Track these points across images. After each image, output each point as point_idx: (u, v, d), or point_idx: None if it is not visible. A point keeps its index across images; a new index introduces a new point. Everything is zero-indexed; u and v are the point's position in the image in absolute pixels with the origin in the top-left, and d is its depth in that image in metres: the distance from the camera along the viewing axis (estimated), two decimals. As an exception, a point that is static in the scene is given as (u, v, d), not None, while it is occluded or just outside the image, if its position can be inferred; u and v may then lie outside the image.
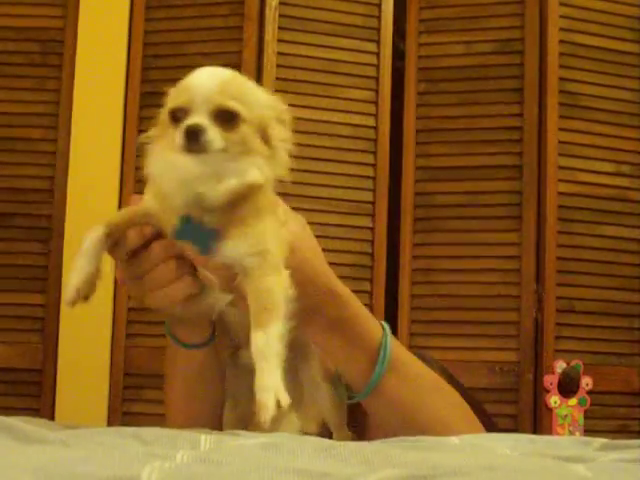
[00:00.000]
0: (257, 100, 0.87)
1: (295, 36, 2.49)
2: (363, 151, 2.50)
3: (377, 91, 2.52)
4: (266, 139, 0.87)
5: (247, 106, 0.85)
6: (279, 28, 2.47)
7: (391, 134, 2.52)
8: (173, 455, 0.60)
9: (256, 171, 0.85)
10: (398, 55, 2.58)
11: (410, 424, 0.95)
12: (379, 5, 2.53)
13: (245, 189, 0.84)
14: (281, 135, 0.89)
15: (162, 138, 0.87)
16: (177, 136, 0.83)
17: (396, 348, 1.00)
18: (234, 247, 0.85)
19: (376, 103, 2.51)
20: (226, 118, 0.83)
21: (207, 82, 0.85)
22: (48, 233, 2.47)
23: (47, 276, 2.45)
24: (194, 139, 0.82)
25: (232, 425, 0.98)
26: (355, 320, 0.98)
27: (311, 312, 0.93)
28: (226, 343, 1.00)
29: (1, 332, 2.43)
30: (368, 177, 2.49)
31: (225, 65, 0.90)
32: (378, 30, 2.53)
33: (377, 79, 2.52)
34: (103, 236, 0.91)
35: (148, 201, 0.89)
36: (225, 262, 0.86)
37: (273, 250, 0.87)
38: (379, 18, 2.53)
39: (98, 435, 0.74)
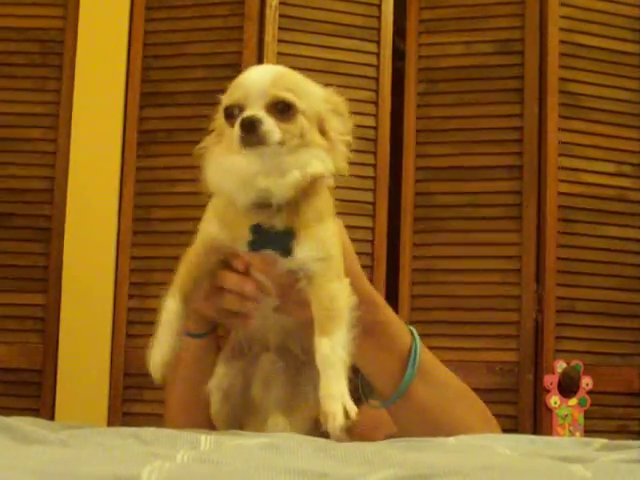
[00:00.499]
0: (312, 93, 0.87)
1: (295, 36, 2.49)
2: (363, 151, 2.49)
3: (377, 91, 2.52)
4: (324, 132, 0.86)
5: (302, 98, 0.85)
6: (279, 28, 2.47)
7: (391, 134, 2.52)
8: (173, 455, 0.60)
9: (318, 163, 0.85)
10: (398, 55, 2.58)
11: (434, 430, 0.94)
12: (379, 5, 2.53)
13: (308, 181, 0.84)
14: (339, 128, 0.89)
15: (217, 145, 0.87)
16: (234, 131, 0.82)
17: (424, 354, 1.00)
18: (305, 250, 0.85)
19: (376, 103, 2.51)
20: (282, 109, 0.83)
21: (260, 76, 0.85)
22: (48, 233, 2.47)
23: (47, 276, 2.45)
24: (252, 131, 0.81)
25: (223, 419, 0.98)
26: (387, 325, 0.99)
27: None
28: (231, 342, 1.00)
29: (1, 332, 2.43)
30: (368, 177, 2.49)
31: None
32: (378, 30, 2.53)
33: (377, 79, 2.52)
34: (180, 307, 0.90)
35: (209, 231, 0.89)
36: (292, 268, 0.85)
37: (336, 256, 0.87)
38: (379, 18, 2.53)
39: (98, 435, 0.74)
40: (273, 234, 0.84)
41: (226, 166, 0.85)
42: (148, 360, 0.88)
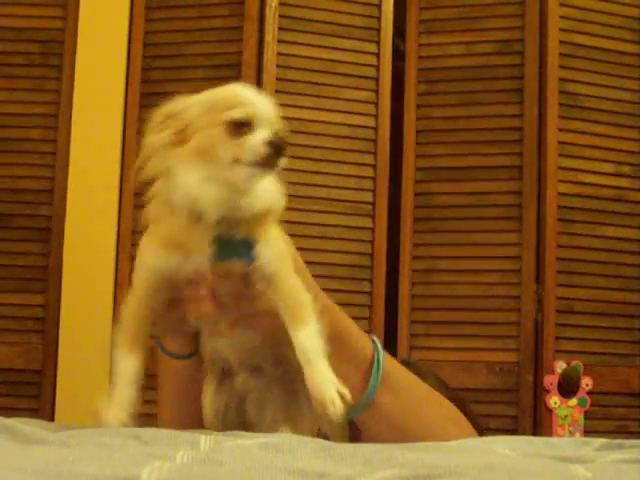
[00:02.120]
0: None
1: (295, 37, 2.49)
2: (363, 152, 2.50)
3: (377, 92, 2.52)
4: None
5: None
6: (279, 29, 2.47)
7: (391, 135, 2.52)
8: (173, 455, 0.60)
9: (282, 196, 0.88)
10: (398, 56, 2.58)
11: (403, 437, 0.94)
12: (379, 6, 2.53)
13: (267, 212, 0.86)
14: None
15: (187, 148, 0.84)
16: (248, 147, 0.82)
17: (387, 362, 0.99)
18: (264, 252, 0.86)
19: (376, 104, 2.51)
20: (279, 138, 0.84)
21: (267, 101, 0.85)
22: (48, 233, 2.46)
23: (47, 277, 2.45)
24: (281, 153, 0.82)
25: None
26: (346, 335, 0.98)
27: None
28: (211, 370, 0.99)
29: (1, 332, 2.43)
30: (368, 177, 2.49)
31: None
32: (378, 31, 2.53)
33: (377, 80, 2.52)
34: (134, 359, 0.88)
35: (153, 264, 0.87)
36: (255, 272, 0.85)
37: (288, 255, 0.89)
38: (379, 19, 2.53)
39: (98, 435, 0.74)
40: (236, 243, 0.85)
41: (211, 177, 0.83)
42: (103, 416, 0.85)
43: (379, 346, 0.99)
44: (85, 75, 2.49)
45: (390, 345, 2.41)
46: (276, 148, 0.82)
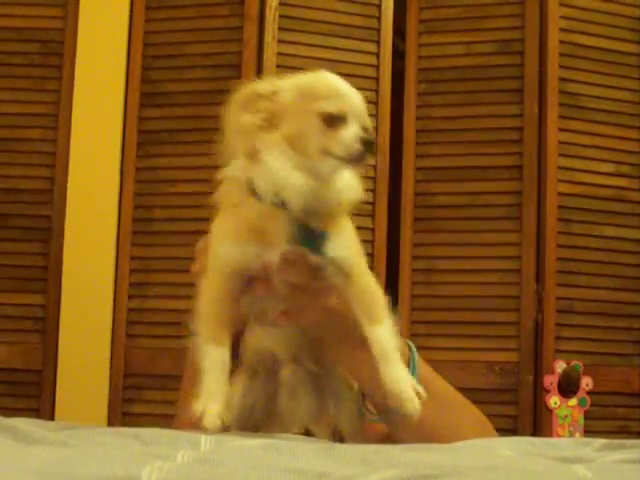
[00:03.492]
0: None
1: (295, 36, 2.49)
2: (363, 151, 2.49)
3: (377, 91, 2.52)
4: None
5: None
6: (279, 29, 2.47)
7: (391, 134, 2.52)
8: (173, 455, 0.60)
9: (361, 189, 0.89)
10: (398, 55, 2.58)
11: (429, 441, 0.94)
12: (379, 5, 2.53)
13: (357, 201, 0.88)
14: None
15: (277, 134, 0.84)
16: (341, 141, 0.82)
17: (422, 367, 0.99)
18: (339, 247, 0.86)
19: (376, 103, 2.51)
20: (365, 132, 0.85)
21: (358, 95, 0.86)
22: (48, 233, 2.46)
23: (47, 276, 2.45)
24: (370, 150, 0.83)
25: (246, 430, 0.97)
26: None
27: (337, 330, 0.93)
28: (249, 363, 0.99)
29: (1, 332, 2.43)
30: (368, 177, 2.49)
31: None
32: (378, 30, 2.53)
33: (377, 79, 2.52)
34: (221, 351, 0.87)
35: (228, 254, 0.86)
36: (328, 264, 0.86)
37: (362, 252, 0.90)
38: (379, 18, 2.53)
39: (98, 435, 0.74)
40: (314, 234, 0.85)
41: (301, 166, 0.83)
42: (200, 413, 0.82)
43: (414, 350, 1.00)
44: (85, 75, 2.49)
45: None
46: (367, 145, 0.83)
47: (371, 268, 2.72)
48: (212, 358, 0.86)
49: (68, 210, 2.45)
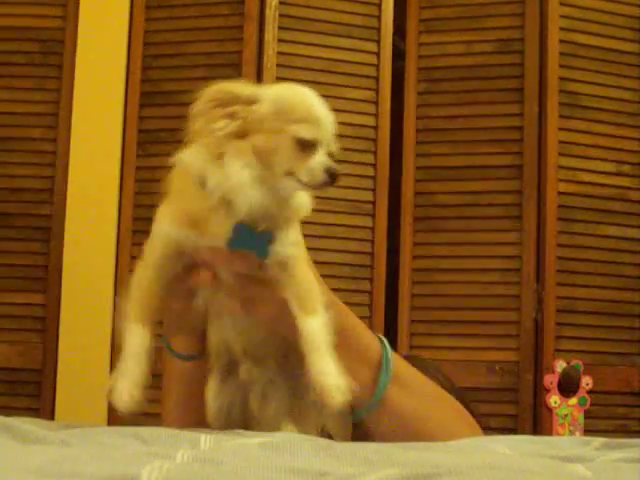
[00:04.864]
0: None
1: (295, 36, 2.49)
2: (363, 151, 2.50)
3: (377, 91, 2.52)
4: None
5: None
6: (279, 28, 2.47)
7: (391, 134, 2.52)
8: (173, 455, 0.60)
9: (309, 205, 0.92)
10: (398, 55, 2.58)
11: (415, 436, 0.94)
12: (379, 5, 2.53)
13: (304, 214, 0.91)
14: None
15: (246, 142, 0.85)
16: (308, 168, 0.84)
17: (396, 361, 0.99)
18: (281, 241, 0.87)
19: (376, 103, 2.51)
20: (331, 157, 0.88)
21: (332, 122, 0.89)
22: (48, 232, 2.46)
23: (47, 276, 2.45)
24: (332, 182, 0.86)
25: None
26: (354, 333, 0.98)
27: None
28: (216, 361, 0.99)
29: (1, 331, 2.43)
30: (368, 177, 2.49)
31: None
32: (378, 30, 2.53)
33: (377, 79, 2.52)
34: (144, 332, 0.88)
35: (170, 232, 0.87)
36: (259, 261, 0.86)
37: (302, 245, 0.91)
38: (379, 18, 2.53)
39: (98, 435, 0.74)
40: (253, 234, 0.85)
41: (260, 181, 0.84)
42: (113, 394, 0.83)
43: (387, 345, 0.99)
44: (85, 74, 2.49)
45: (390, 344, 2.41)
46: (332, 177, 0.85)
47: (371, 267, 2.70)
48: (133, 338, 0.87)
49: (68, 209, 2.45)
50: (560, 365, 2.37)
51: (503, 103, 2.49)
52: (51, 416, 2.35)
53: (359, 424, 1.02)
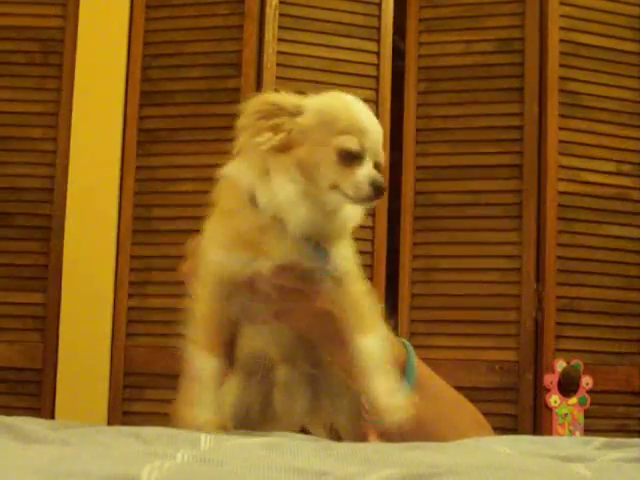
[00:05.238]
0: None
1: (295, 35, 2.49)
2: (363, 150, 2.49)
3: (377, 90, 2.51)
4: None
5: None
6: (279, 27, 2.47)
7: (391, 133, 2.51)
8: (173, 454, 0.60)
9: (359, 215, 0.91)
10: (398, 54, 2.58)
11: (434, 441, 0.94)
12: (379, 4, 2.53)
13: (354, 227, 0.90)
14: None
15: (290, 156, 0.83)
16: (354, 182, 0.82)
17: (419, 366, 0.99)
18: (335, 257, 0.88)
19: (376, 102, 2.51)
20: (376, 168, 0.86)
21: (378, 132, 0.86)
22: (48, 232, 2.46)
23: (47, 275, 2.45)
24: (378, 196, 0.83)
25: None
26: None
27: (334, 333, 0.92)
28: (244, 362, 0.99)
29: (1, 331, 2.43)
30: (368, 176, 2.48)
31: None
32: (378, 29, 2.53)
33: (377, 78, 2.52)
34: (216, 362, 0.88)
35: (219, 262, 0.86)
36: (320, 275, 0.87)
37: (355, 262, 0.90)
38: (379, 17, 2.53)
39: (98, 434, 0.74)
40: (319, 251, 0.86)
41: (307, 195, 0.83)
42: (190, 420, 0.83)
43: (411, 350, 0.99)
44: (85, 74, 2.49)
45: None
46: (377, 190, 0.82)
47: (371, 267, 2.70)
48: (205, 368, 0.86)
49: (68, 209, 2.45)
50: (560, 365, 2.37)
51: (503, 103, 2.49)
52: (51, 416, 2.35)
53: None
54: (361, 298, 0.87)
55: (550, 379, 2.37)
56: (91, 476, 0.53)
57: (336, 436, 0.99)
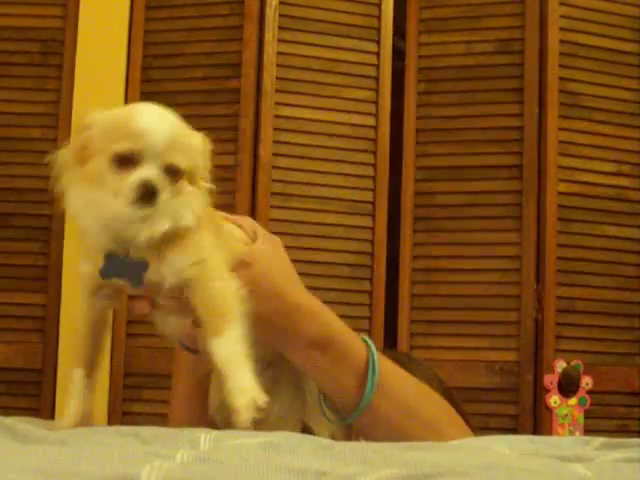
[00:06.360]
0: (194, 149, 0.88)
1: (295, 36, 2.49)
2: (363, 151, 2.50)
3: (377, 91, 2.52)
4: (193, 180, 0.88)
5: (187, 157, 0.86)
6: (279, 28, 2.47)
7: (391, 134, 2.52)
8: (173, 454, 0.60)
9: (189, 214, 0.86)
10: (398, 55, 2.58)
11: (401, 438, 0.93)
12: (379, 5, 2.53)
13: (177, 230, 0.85)
14: (205, 174, 0.90)
15: (80, 169, 0.85)
16: (125, 186, 0.82)
17: (382, 363, 0.98)
18: (172, 264, 0.85)
19: (376, 103, 2.51)
20: (173, 173, 0.84)
21: (159, 132, 0.84)
22: (48, 233, 2.46)
23: (47, 276, 2.45)
24: (150, 200, 0.82)
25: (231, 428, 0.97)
26: (337, 338, 0.96)
27: (284, 330, 0.92)
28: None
29: (1, 332, 2.43)
30: (368, 177, 2.49)
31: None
32: (378, 30, 2.53)
33: (377, 79, 2.52)
34: (82, 373, 0.90)
35: (84, 270, 0.88)
36: (164, 283, 0.85)
37: (212, 258, 0.87)
38: (379, 18, 2.53)
39: (98, 434, 0.74)
40: (126, 264, 0.85)
41: (94, 205, 0.84)
42: (59, 423, 0.88)
43: (373, 348, 0.98)
44: (85, 75, 2.49)
45: (390, 344, 2.41)
46: (147, 192, 0.81)
47: (371, 268, 2.70)
48: (74, 380, 0.89)
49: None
50: (560, 365, 2.37)
51: (503, 103, 2.49)
52: (51, 416, 2.35)
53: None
54: (212, 298, 0.85)
55: (550, 379, 2.37)
56: (91, 476, 0.53)
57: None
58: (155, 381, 2.35)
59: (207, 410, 0.99)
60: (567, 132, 2.45)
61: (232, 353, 0.82)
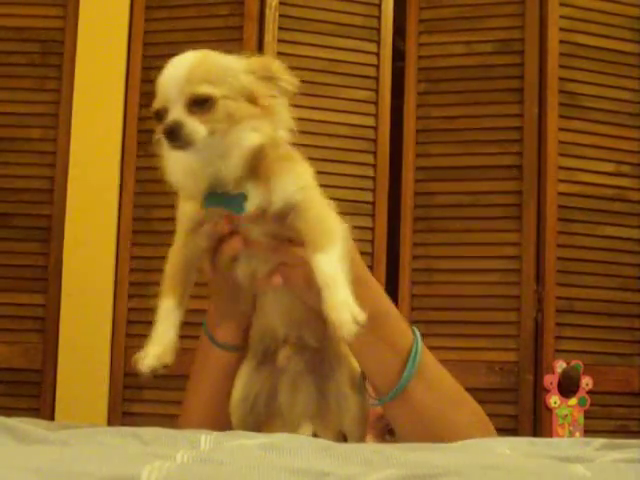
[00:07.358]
0: (230, 70, 0.90)
1: (295, 36, 2.49)
2: (363, 151, 2.50)
3: (377, 91, 2.52)
4: (254, 101, 0.88)
5: (220, 82, 0.88)
6: (279, 28, 2.47)
7: (391, 134, 2.52)
8: (173, 455, 0.60)
9: (253, 134, 0.87)
10: (398, 55, 2.58)
11: (430, 434, 0.93)
12: (379, 5, 2.53)
13: (252, 154, 0.87)
14: (269, 92, 0.90)
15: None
16: (161, 137, 0.86)
17: (425, 355, 0.99)
18: (281, 189, 0.88)
19: (376, 103, 2.51)
20: (201, 103, 0.86)
21: (175, 74, 0.88)
22: (48, 233, 2.46)
23: (47, 276, 2.45)
24: (175, 137, 0.84)
25: (247, 427, 0.96)
26: (388, 318, 0.97)
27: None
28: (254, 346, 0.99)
29: (1, 332, 2.43)
30: (368, 177, 2.49)
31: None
32: (378, 30, 2.53)
33: (377, 79, 2.52)
34: (174, 303, 0.92)
35: (187, 210, 0.93)
36: (275, 209, 0.87)
37: (316, 187, 0.91)
38: (379, 18, 2.53)
39: (98, 435, 0.74)
40: (225, 197, 0.88)
41: (174, 163, 0.91)
42: (140, 356, 0.87)
43: (419, 336, 0.99)
44: (85, 75, 2.49)
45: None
46: (168, 133, 0.85)
47: (371, 268, 2.70)
48: (163, 310, 0.91)
49: (68, 209, 2.45)
50: (560, 365, 2.37)
51: (503, 103, 2.49)
52: (51, 416, 2.35)
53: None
54: (317, 220, 0.87)
55: (550, 380, 2.37)
56: (91, 476, 0.53)
57: (343, 440, 0.99)
58: (155, 381, 2.34)
59: (228, 415, 0.98)
60: (567, 132, 2.45)
61: (334, 270, 0.83)
